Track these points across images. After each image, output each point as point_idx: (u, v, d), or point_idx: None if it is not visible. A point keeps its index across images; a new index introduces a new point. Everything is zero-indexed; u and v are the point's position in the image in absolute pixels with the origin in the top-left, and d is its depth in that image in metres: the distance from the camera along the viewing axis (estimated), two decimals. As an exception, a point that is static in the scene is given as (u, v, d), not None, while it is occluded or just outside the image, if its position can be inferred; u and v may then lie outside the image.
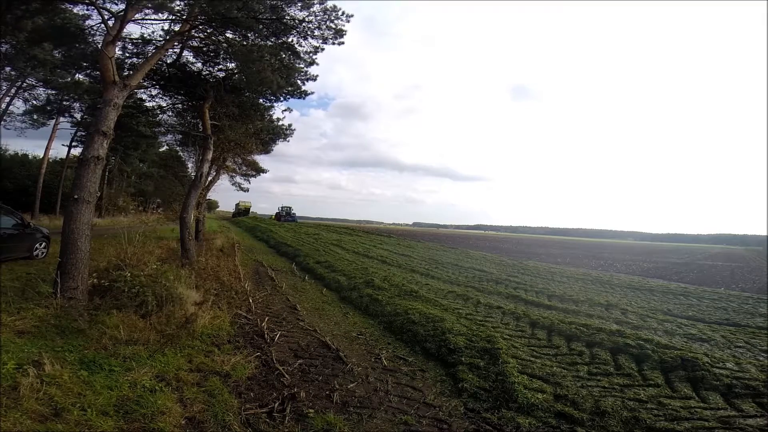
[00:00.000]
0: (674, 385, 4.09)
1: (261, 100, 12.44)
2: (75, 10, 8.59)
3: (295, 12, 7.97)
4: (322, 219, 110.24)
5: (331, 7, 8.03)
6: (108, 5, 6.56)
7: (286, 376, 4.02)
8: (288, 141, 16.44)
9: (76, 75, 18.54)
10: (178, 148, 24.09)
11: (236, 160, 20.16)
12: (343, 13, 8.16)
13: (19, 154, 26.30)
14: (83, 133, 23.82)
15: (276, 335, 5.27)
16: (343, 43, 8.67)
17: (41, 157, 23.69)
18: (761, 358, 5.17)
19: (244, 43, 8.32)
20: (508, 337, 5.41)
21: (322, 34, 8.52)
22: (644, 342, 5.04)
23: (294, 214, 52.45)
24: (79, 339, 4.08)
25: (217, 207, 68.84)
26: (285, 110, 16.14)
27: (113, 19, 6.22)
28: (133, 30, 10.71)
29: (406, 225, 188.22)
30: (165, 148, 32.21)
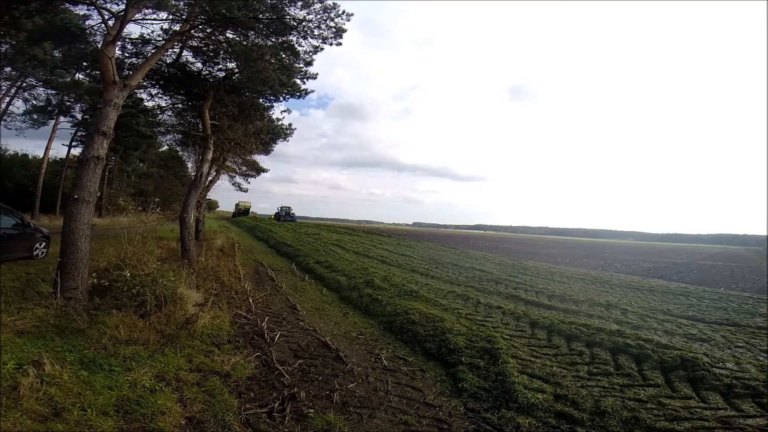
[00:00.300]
0: (674, 385, 4.09)
1: (261, 100, 12.45)
2: (75, 10, 8.61)
3: (296, 12, 7.97)
4: (321, 219, 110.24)
5: (331, 5, 8.03)
6: (108, 5, 6.56)
7: (286, 376, 4.01)
8: (288, 141, 16.47)
9: (76, 75, 18.59)
10: (178, 148, 24.08)
11: (236, 160, 20.17)
12: (343, 12, 8.16)
13: (19, 154, 26.39)
14: (83, 133, 23.85)
15: (276, 335, 5.27)
16: (341, 43, 8.68)
17: (41, 157, 23.75)
18: (761, 358, 5.17)
19: (245, 42, 8.32)
20: (508, 337, 5.41)
21: (322, 33, 8.51)
22: (644, 342, 5.04)
23: (293, 214, 52.44)
24: (79, 339, 4.07)
25: (217, 207, 68.81)
26: (284, 111, 16.17)
27: (113, 19, 6.22)
28: (133, 30, 10.73)
29: (406, 225, 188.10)
30: (165, 148, 32.31)
